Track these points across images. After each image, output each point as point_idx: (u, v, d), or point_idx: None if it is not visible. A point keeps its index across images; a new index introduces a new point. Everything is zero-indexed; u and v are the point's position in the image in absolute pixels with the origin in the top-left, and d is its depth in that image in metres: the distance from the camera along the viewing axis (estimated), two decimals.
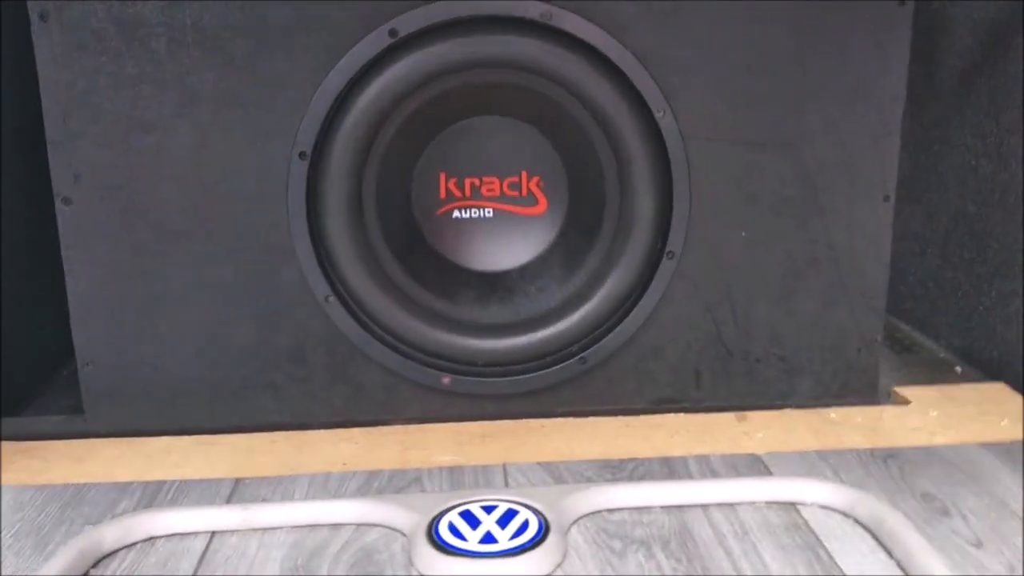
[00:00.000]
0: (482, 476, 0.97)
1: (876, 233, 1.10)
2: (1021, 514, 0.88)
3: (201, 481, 0.97)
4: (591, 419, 1.12)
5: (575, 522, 0.87)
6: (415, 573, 0.79)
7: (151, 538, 0.85)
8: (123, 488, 0.95)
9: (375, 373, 1.09)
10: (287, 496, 0.93)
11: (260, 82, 1.00)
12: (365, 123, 1.01)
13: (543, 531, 0.82)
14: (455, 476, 0.97)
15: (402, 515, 0.86)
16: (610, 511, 0.89)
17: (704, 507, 0.90)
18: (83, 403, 1.08)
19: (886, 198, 1.09)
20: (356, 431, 1.09)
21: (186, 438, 1.08)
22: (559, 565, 0.80)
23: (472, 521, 0.84)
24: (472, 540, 0.80)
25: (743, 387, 1.13)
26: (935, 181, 1.35)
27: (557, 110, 1.05)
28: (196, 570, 0.80)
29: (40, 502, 0.92)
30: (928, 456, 1.01)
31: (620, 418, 1.12)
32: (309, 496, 0.93)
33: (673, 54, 1.03)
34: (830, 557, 0.81)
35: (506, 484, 0.95)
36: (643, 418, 1.12)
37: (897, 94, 1.06)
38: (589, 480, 0.96)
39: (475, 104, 1.07)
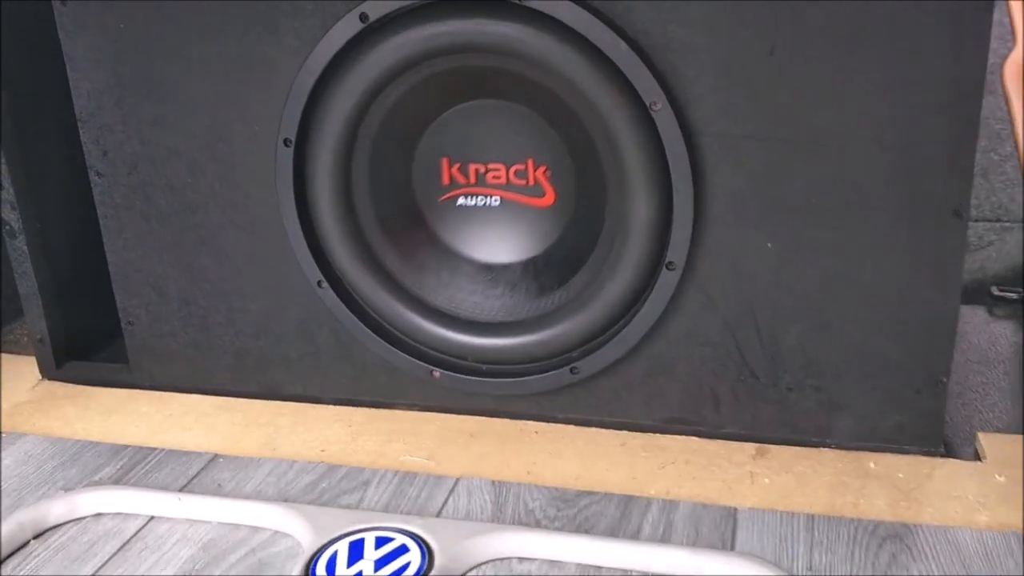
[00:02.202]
0: (428, 491, 0.95)
1: (943, 254, 0.90)
2: None
3: (183, 454, 1.04)
4: (591, 430, 1.05)
5: (475, 568, 0.84)
6: None
7: (99, 514, 0.94)
8: (117, 452, 1.06)
9: (376, 357, 1.09)
10: (244, 481, 0.99)
11: (246, 68, 1.01)
12: (347, 109, 0.98)
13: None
14: (402, 487, 0.96)
15: (308, 530, 0.88)
16: (520, 560, 0.85)
17: (625, 572, 0.82)
18: (128, 358, 1.19)
19: (957, 214, 0.88)
20: (357, 412, 1.11)
21: (212, 399, 1.17)
22: None
23: (356, 554, 0.83)
24: None
25: (770, 416, 1.00)
26: None
27: (554, 97, 0.95)
28: (114, 554, 0.88)
29: (44, 457, 1.05)
30: (946, 543, 0.84)
31: (623, 434, 1.04)
32: (264, 484, 0.98)
33: (677, 34, 0.88)
34: None
35: (443, 505, 0.93)
36: (649, 437, 1.03)
37: (974, 86, 0.84)
38: (530, 512, 0.91)
39: (472, 88, 0.99)
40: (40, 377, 1.24)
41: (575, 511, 0.91)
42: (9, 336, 1.37)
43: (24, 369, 1.26)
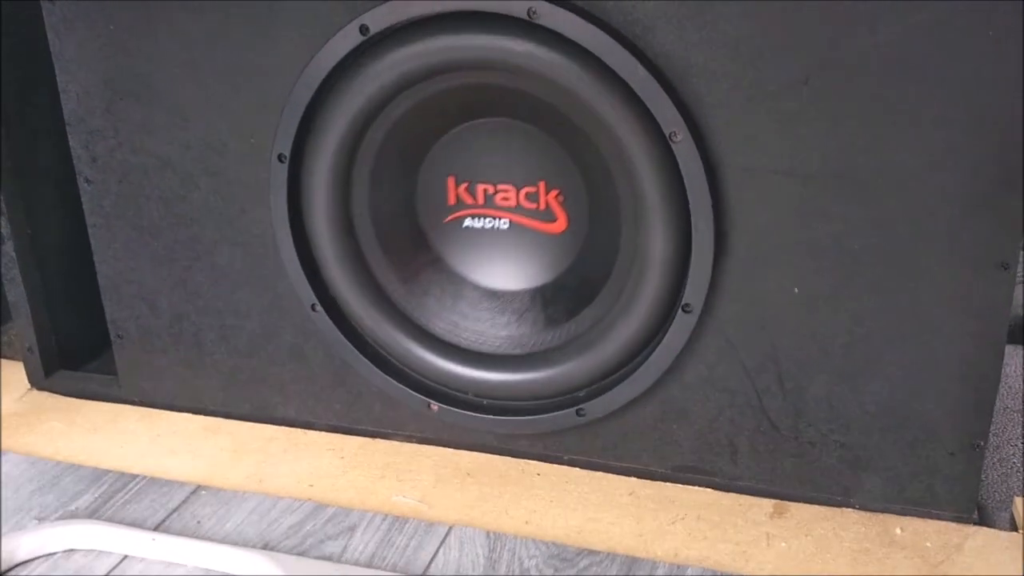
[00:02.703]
0: (418, 540, 0.90)
1: (987, 309, 0.82)
2: None
3: (165, 483, 0.99)
4: (597, 475, 0.99)
5: None
6: None
7: (71, 550, 0.89)
8: (97, 478, 1.01)
9: (372, 385, 1.03)
10: (224, 518, 0.94)
11: (240, 77, 0.95)
12: (345, 124, 0.92)
13: None
14: (390, 534, 0.91)
15: None
16: None
17: None
18: (117, 371, 1.14)
19: (1003, 266, 0.80)
20: (350, 441, 1.06)
21: (201, 420, 1.12)
22: None
23: None
24: None
25: (791, 471, 0.93)
26: None
27: (568, 120, 0.89)
28: None
29: (22, 480, 1.01)
30: None
31: (632, 481, 0.98)
32: (245, 523, 0.92)
33: (701, 59, 0.81)
34: None
35: (433, 558, 0.87)
36: (658, 487, 0.97)
37: None
38: (526, 570, 0.85)
39: (482, 105, 0.93)
40: (29, 386, 1.20)
41: (574, 572, 0.85)
42: (5, 337, 1.33)
43: (14, 376, 1.22)
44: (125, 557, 0.89)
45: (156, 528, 0.92)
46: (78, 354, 1.23)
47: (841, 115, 0.79)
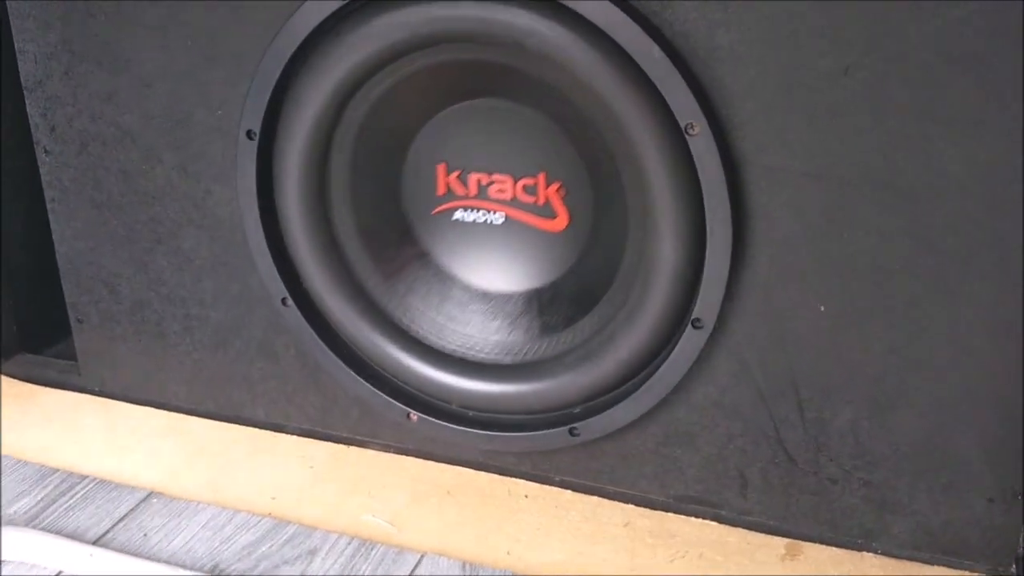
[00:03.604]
0: (385, 568, 0.81)
1: None
2: None
3: (115, 487, 0.91)
4: (591, 500, 0.90)
5: None
6: None
7: (2, 562, 0.81)
8: (44, 477, 0.94)
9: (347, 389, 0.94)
10: (174, 532, 0.85)
11: (208, 43, 0.86)
12: (322, 100, 0.83)
13: None
14: (355, 560, 0.82)
15: None
16: None
17: None
18: (77, 358, 1.06)
19: None
20: (321, 449, 0.97)
21: (163, 416, 1.04)
22: None
23: None
24: None
25: (807, 509, 0.84)
26: None
27: (573, 105, 0.79)
28: None
29: None
30: None
31: (628, 509, 0.89)
32: (195, 540, 0.84)
33: (726, 40, 0.71)
34: None
35: None
36: (658, 517, 0.88)
37: None
38: None
39: (478, 84, 0.83)
40: None
41: None
42: None
43: None
44: (59, 573, 0.81)
45: (98, 540, 0.84)
46: (43, 336, 1.15)
47: (884, 112, 0.69)
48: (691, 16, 0.71)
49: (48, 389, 1.09)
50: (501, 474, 0.93)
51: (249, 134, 0.86)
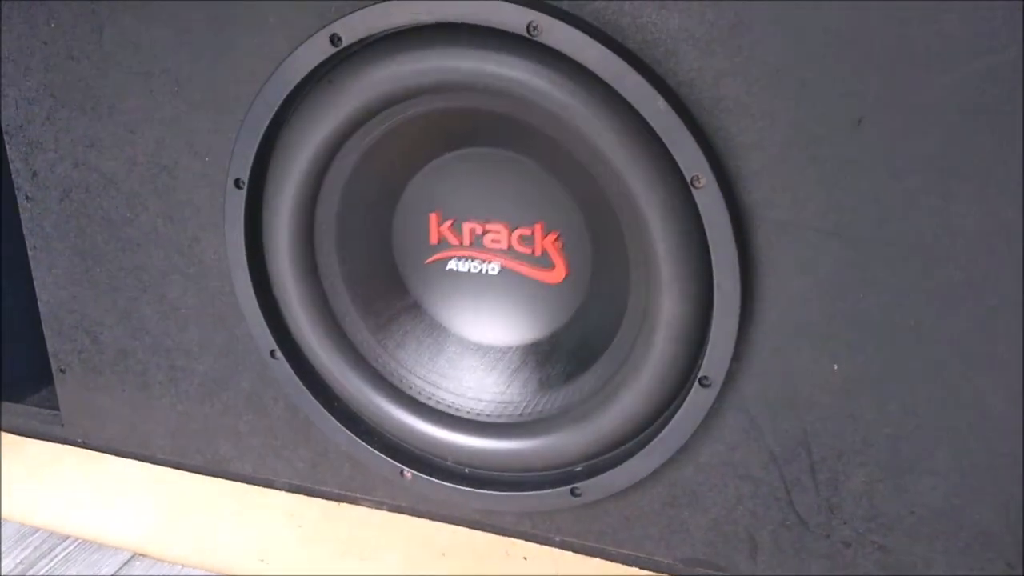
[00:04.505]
0: None
1: None
2: None
3: (97, 548, 0.88)
4: (593, 562, 0.87)
5: None
6: None
7: None
8: (23, 537, 0.91)
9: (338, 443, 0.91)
10: None
11: (195, 90, 0.83)
12: (312, 148, 0.80)
13: None
14: None
15: None
16: None
17: None
18: (60, 409, 1.03)
19: None
20: (312, 506, 0.94)
21: (148, 470, 1.01)
22: None
23: None
24: None
25: (821, 574, 0.80)
26: None
27: (571, 155, 0.76)
28: None
29: None
30: None
31: (633, 572, 0.86)
32: None
33: (733, 90, 0.68)
34: None
35: None
36: None
37: None
38: None
39: (471, 132, 0.81)
40: None
41: None
42: None
43: None
44: None
45: None
46: (27, 383, 1.12)
47: (899, 167, 0.67)
48: (696, 66, 0.68)
49: (31, 440, 1.06)
50: (499, 534, 0.90)
51: (237, 183, 0.83)
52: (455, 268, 0.86)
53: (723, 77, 0.68)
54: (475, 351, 0.88)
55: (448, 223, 0.85)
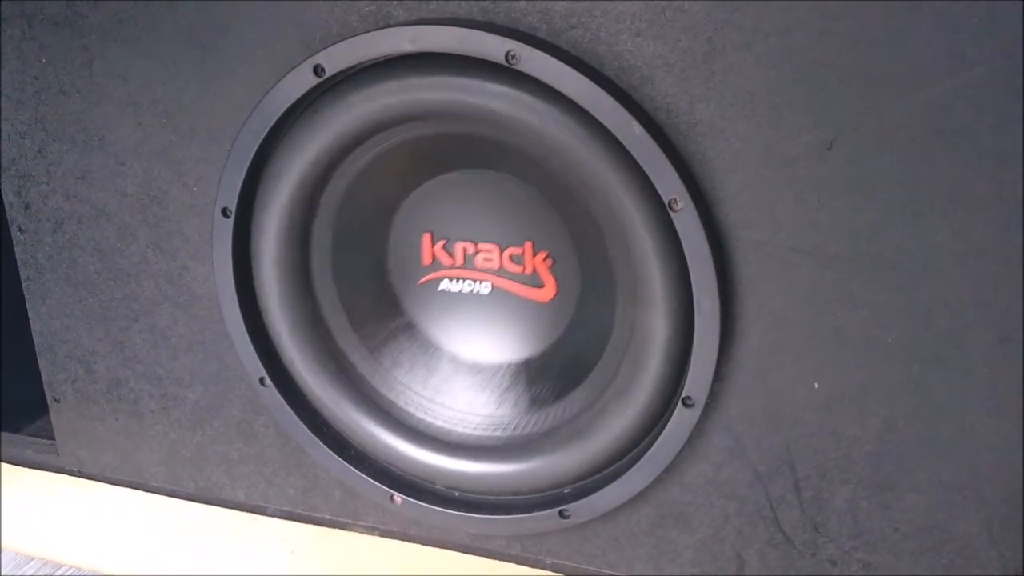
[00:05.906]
0: None
1: None
2: None
3: None
4: None
5: None
6: None
7: None
8: (20, 565, 0.92)
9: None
10: None
11: (182, 120, 0.85)
12: (299, 176, 0.82)
13: None
14: None
15: None
16: None
17: None
18: (55, 439, 1.05)
19: None
20: (304, 532, 0.96)
21: (143, 497, 1.02)
22: None
23: None
24: None
25: None
26: None
27: (557, 177, 0.78)
28: None
29: None
30: None
31: None
32: None
33: (707, 114, 0.71)
34: None
35: None
36: None
37: None
38: None
39: (460, 156, 0.83)
40: None
41: None
42: None
43: None
44: None
45: None
46: (23, 413, 1.14)
47: (872, 187, 0.69)
48: (671, 91, 0.71)
49: (26, 469, 1.08)
50: (490, 557, 0.91)
51: (224, 212, 0.85)
52: (447, 288, 0.88)
53: (698, 102, 0.71)
54: (467, 370, 0.89)
55: (440, 244, 0.87)
